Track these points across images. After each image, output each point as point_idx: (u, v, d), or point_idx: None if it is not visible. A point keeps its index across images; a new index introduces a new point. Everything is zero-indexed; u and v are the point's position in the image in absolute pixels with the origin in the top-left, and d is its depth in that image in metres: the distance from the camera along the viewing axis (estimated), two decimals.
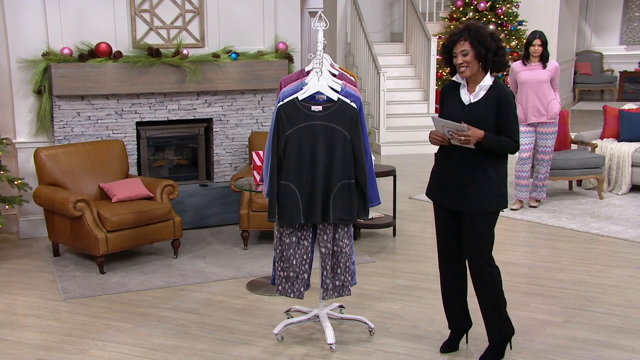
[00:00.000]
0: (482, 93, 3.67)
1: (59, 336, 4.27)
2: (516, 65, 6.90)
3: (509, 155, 3.72)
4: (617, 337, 4.21)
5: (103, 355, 4.01)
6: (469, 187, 3.66)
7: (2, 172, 5.58)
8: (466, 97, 3.72)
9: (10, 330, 4.36)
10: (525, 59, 6.85)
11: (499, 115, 3.63)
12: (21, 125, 6.08)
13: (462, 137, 3.56)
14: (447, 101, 3.81)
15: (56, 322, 4.48)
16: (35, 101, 6.05)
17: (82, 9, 6.08)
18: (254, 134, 6.51)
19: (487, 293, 3.74)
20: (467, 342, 4.03)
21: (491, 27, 10.35)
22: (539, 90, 6.76)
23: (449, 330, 4.04)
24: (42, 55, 5.95)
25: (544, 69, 6.79)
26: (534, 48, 6.75)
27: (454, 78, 3.80)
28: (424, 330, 4.30)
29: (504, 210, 3.85)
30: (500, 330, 3.80)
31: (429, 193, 3.90)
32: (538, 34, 6.78)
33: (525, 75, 6.81)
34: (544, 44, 6.75)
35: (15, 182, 5.65)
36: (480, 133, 3.55)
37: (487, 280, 3.72)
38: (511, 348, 3.90)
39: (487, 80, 3.67)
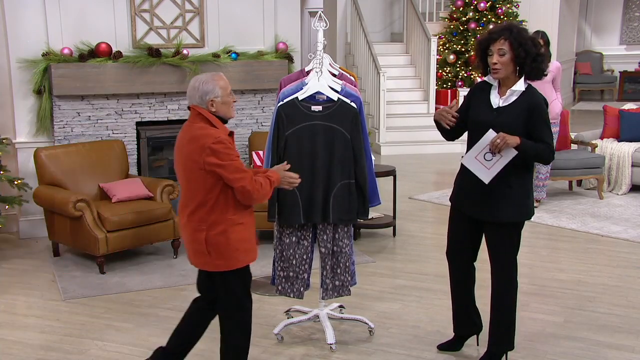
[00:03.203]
0: (513, 98, 3.55)
1: (59, 336, 4.27)
2: None
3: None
4: (618, 337, 4.21)
5: (103, 355, 4.01)
6: (490, 196, 3.59)
7: (2, 172, 5.58)
8: (496, 100, 3.59)
9: (10, 330, 4.36)
10: None
11: (531, 124, 3.50)
12: (21, 125, 6.08)
13: (498, 141, 3.40)
14: (475, 102, 3.67)
15: (56, 322, 4.48)
16: (35, 101, 6.05)
17: (82, 9, 6.07)
18: (254, 134, 6.51)
19: (500, 303, 3.71)
20: (477, 344, 4.01)
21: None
22: (540, 90, 6.67)
23: (453, 332, 4.02)
24: (42, 55, 5.95)
25: None
26: None
27: (485, 78, 3.68)
28: (424, 330, 4.30)
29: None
30: (502, 342, 3.78)
31: (452, 199, 3.84)
32: (540, 34, 6.75)
33: None
34: (547, 43, 6.72)
35: (15, 182, 5.65)
36: (515, 138, 3.43)
37: (502, 289, 3.70)
38: None
39: (520, 86, 3.54)
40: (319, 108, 3.95)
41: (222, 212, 3.23)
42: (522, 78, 3.56)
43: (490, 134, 3.47)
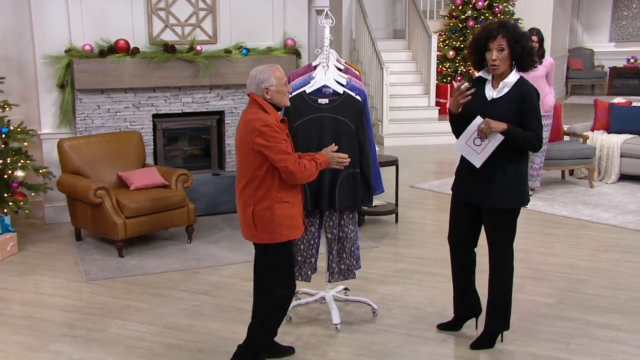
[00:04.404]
0: (506, 89, 3.54)
1: (82, 315, 4.28)
2: None
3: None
4: (606, 317, 4.20)
5: (123, 333, 4.02)
6: (487, 183, 3.57)
7: (28, 162, 5.58)
8: (490, 92, 3.58)
9: (37, 309, 4.38)
10: None
11: (521, 113, 3.49)
12: (46, 118, 6.08)
13: (483, 126, 3.44)
14: (473, 95, 3.61)
15: (79, 301, 4.49)
16: (58, 95, 6.04)
17: (102, 8, 6.05)
18: None
19: (497, 285, 3.70)
20: (476, 327, 3.98)
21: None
22: (535, 84, 6.65)
23: (452, 314, 4.00)
24: (65, 52, 5.94)
25: (540, 64, 6.72)
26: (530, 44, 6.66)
27: (480, 74, 3.65)
28: (425, 312, 4.29)
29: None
30: (499, 322, 3.77)
31: (453, 186, 3.81)
32: (535, 31, 6.70)
33: None
34: (541, 40, 6.67)
35: (41, 171, 5.64)
36: (501, 124, 3.44)
37: (500, 273, 3.68)
38: (502, 340, 3.85)
39: (512, 77, 3.53)
40: (326, 101, 3.92)
41: (268, 190, 3.30)
42: (514, 70, 3.55)
43: (478, 120, 3.50)
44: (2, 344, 3.92)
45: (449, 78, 11.41)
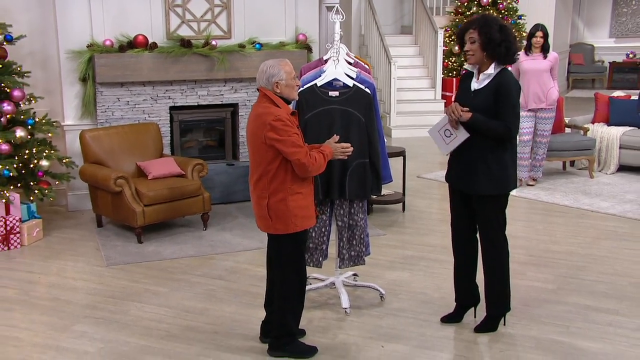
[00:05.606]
0: (486, 81, 3.56)
1: (103, 298, 4.32)
2: (519, 55, 6.79)
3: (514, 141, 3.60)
4: (604, 302, 4.20)
5: (142, 316, 4.05)
6: (469, 170, 3.59)
7: (52, 152, 5.61)
8: (474, 84, 3.62)
9: (62, 291, 4.42)
10: (528, 49, 6.72)
11: (496, 102, 3.50)
12: (69, 110, 6.11)
13: (453, 116, 3.50)
14: (460, 88, 3.72)
15: (100, 285, 4.53)
16: (80, 88, 6.07)
17: (122, 5, 6.06)
18: None
19: (492, 269, 3.70)
20: (475, 316, 3.96)
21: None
22: (539, 78, 6.66)
23: (455, 303, 3.98)
24: (87, 47, 5.96)
25: (545, 59, 6.69)
26: (536, 39, 6.64)
27: (466, 67, 3.70)
28: (430, 297, 4.29)
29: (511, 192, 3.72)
30: (499, 305, 3.77)
31: (445, 176, 3.84)
32: (540, 27, 6.67)
33: (527, 64, 6.70)
34: (545, 36, 6.64)
35: (64, 161, 5.68)
36: (466, 113, 3.48)
37: (492, 258, 3.68)
38: (504, 324, 3.85)
39: (491, 70, 3.54)
40: (336, 93, 3.92)
41: (282, 182, 3.29)
42: (494, 62, 3.55)
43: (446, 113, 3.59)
44: (29, 323, 3.96)
45: (454, 72, 11.36)
